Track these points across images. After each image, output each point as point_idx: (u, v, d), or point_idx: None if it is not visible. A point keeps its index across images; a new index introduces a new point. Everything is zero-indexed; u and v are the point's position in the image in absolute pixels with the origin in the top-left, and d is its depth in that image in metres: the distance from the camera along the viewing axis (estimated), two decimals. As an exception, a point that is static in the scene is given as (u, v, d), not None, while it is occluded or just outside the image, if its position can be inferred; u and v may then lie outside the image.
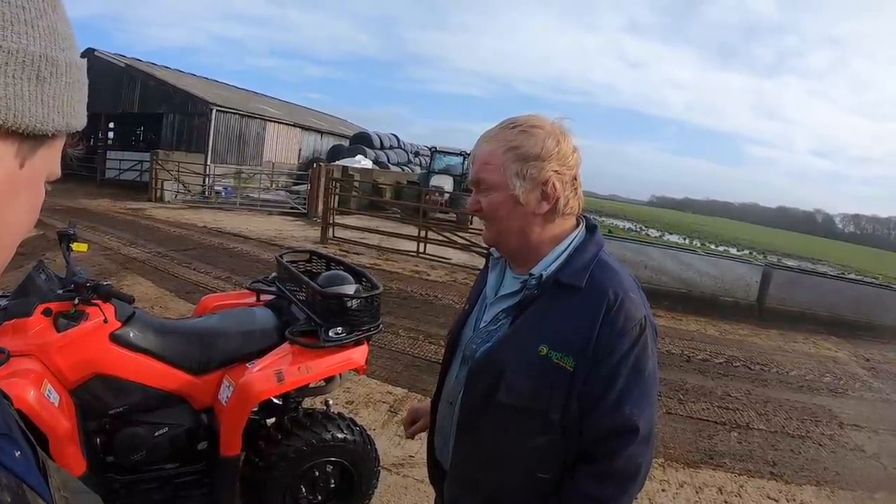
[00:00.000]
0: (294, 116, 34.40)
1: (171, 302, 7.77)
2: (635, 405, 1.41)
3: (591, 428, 1.43)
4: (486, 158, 1.50)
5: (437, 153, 25.02)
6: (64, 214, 14.26)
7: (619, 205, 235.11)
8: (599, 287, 1.45)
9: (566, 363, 1.41)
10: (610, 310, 1.41)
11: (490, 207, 1.52)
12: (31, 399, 2.24)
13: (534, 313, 1.49)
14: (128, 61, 29.93)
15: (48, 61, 0.55)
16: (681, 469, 4.70)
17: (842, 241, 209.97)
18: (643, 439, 1.42)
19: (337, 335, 2.91)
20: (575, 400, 1.42)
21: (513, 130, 1.48)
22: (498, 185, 1.49)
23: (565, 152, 1.47)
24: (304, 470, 3.03)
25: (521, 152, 1.45)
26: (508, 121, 1.52)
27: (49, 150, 0.61)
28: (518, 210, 1.49)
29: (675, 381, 6.79)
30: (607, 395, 1.40)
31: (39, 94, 0.55)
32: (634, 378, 1.41)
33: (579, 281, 1.46)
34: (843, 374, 8.38)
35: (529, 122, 1.49)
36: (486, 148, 1.51)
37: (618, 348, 1.40)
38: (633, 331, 1.42)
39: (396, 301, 8.98)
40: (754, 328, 10.59)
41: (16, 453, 0.60)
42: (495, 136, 1.51)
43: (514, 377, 1.46)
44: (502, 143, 1.48)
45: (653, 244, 15.24)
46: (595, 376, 1.41)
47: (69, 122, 0.61)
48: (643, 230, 63.75)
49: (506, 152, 1.47)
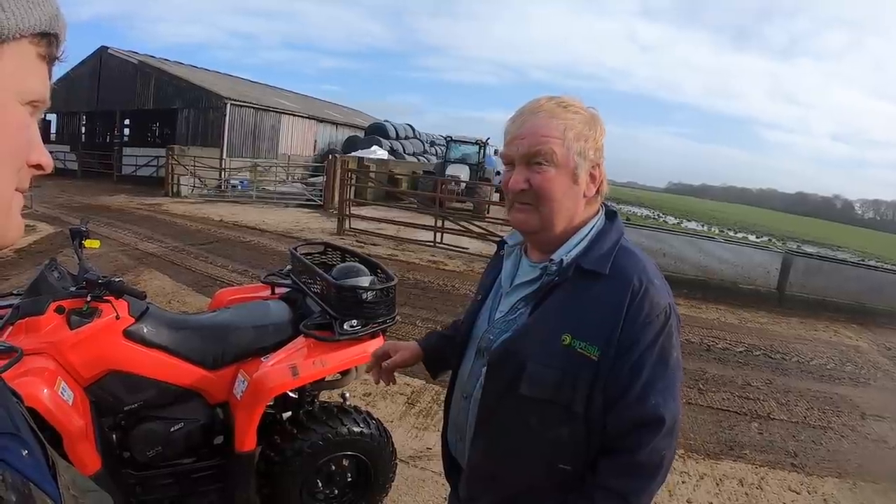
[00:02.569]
0: (309, 109, 34.46)
1: (188, 296, 7.80)
2: (660, 396, 1.37)
3: (616, 419, 1.38)
4: (546, 131, 1.41)
5: (453, 142, 24.97)
6: (81, 212, 14.40)
7: (637, 192, 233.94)
8: (623, 274, 1.40)
9: (590, 352, 1.37)
10: (635, 297, 1.37)
11: (543, 185, 1.43)
12: (45, 397, 2.24)
13: (555, 301, 1.44)
14: (141, 58, 30.13)
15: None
16: (701, 460, 4.65)
17: (861, 227, 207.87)
18: (668, 431, 1.37)
19: (352, 328, 2.89)
20: (599, 391, 1.38)
21: (566, 110, 1.43)
22: (560, 161, 1.42)
23: (602, 137, 1.47)
24: (320, 464, 3.02)
25: (581, 131, 1.42)
26: (556, 98, 1.47)
27: (9, 61, 0.53)
28: (572, 190, 1.45)
29: (695, 371, 6.73)
30: (632, 385, 1.36)
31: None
32: (660, 368, 1.37)
33: (603, 267, 1.41)
34: (865, 363, 8.27)
35: (574, 102, 1.46)
36: (542, 121, 1.43)
37: (643, 337, 1.36)
38: (659, 319, 1.38)
39: (413, 291, 8.98)
40: (774, 316, 10.48)
41: (23, 452, 0.59)
42: (548, 111, 1.44)
43: (536, 368, 1.41)
44: (560, 119, 1.42)
45: (671, 231, 15.15)
46: (620, 366, 1.36)
47: (20, 22, 0.52)
48: (661, 217, 63.41)
49: (567, 129, 1.41)
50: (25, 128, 0.58)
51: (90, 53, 30.34)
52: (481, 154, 23.54)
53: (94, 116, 33.46)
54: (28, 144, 0.59)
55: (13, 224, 0.59)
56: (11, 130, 0.56)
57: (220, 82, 31.24)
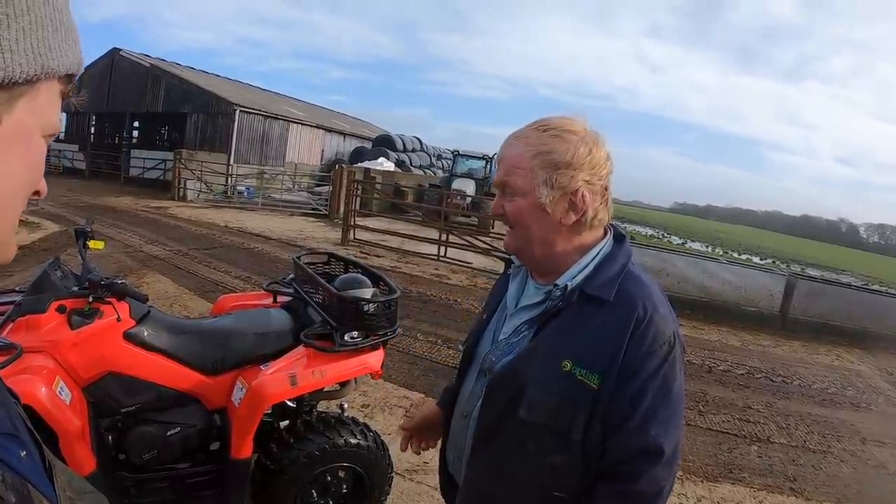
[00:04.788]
0: (317, 118, 34.59)
1: (190, 301, 7.80)
2: (661, 426, 1.34)
3: (615, 448, 1.36)
4: (515, 161, 1.43)
5: (460, 156, 25.02)
6: (87, 212, 14.44)
7: (642, 211, 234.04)
8: (628, 301, 1.38)
9: (591, 380, 1.35)
10: (639, 326, 1.35)
11: (514, 213, 1.45)
12: (43, 396, 2.23)
13: (558, 326, 1.42)
14: (152, 61, 30.33)
15: (0, 1, 0.51)
16: (699, 482, 4.62)
17: (866, 252, 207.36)
18: (667, 462, 1.35)
19: (352, 339, 2.87)
20: (598, 419, 1.36)
21: (545, 133, 1.41)
22: (524, 190, 1.41)
23: (598, 160, 1.40)
24: (316, 474, 3.00)
25: (552, 158, 1.38)
26: (541, 122, 1.45)
27: (33, 101, 0.57)
28: (544, 219, 1.42)
29: (695, 393, 6.69)
30: (633, 415, 1.34)
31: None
32: (661, 398, 1.35)
33: (607, 294, 1.39)
34: (866, 388, 8.22)
35: (563, 125, 1.41)
36: (515, 150, 1.44)
37: (646, 367, 1.34)
38: (663, 349, 1.36)
39: (416, 304, 8.96)
40: (777, 339, 10.45)
41: (21, 453, 0.60)
42: (526, 137, 1.43)
43: (535, 393, 1.40)
44: (532, 147, 1.41)
45: (675, 251, 15.13)
46: (620, 395, 1.34)
47: (45, 64, 0.56)
48: (665, 237, 63.41)
49: (535, 157, 1.40)
50: (43, 158, 0.62)
51: (102, 54, 30.55)
52: (488, 169, 23.58)
53: (103, 117, 33.69)
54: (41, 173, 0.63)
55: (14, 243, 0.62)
56: (34, 161, 0.60)
57: (230, 88, 31.42)
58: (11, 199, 0.59)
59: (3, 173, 0.57)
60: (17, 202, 0.60)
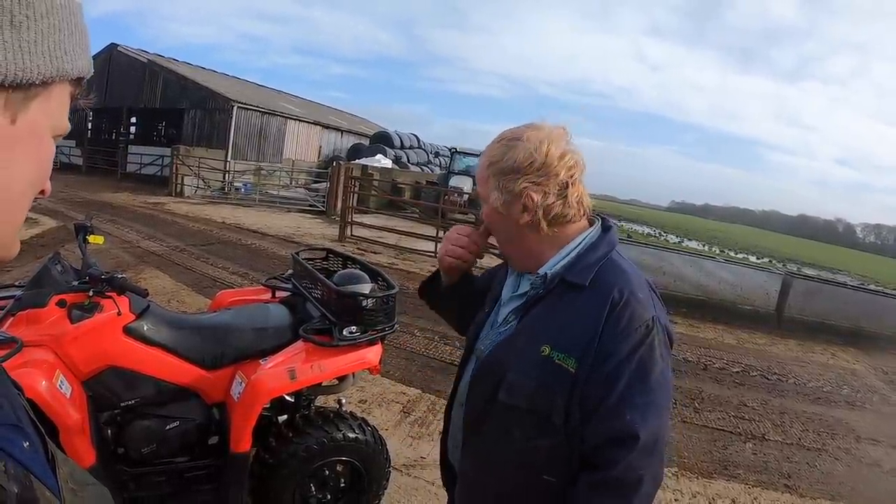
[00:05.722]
0: (315, 114, 34.51)
1: (187, 296, 7.81)
2: (637, 412, 1.34)
3: (591, 433, 1.37)
4: (478, 173, 1.58)
5: (457, 154, 25.01)
6: (84, 207, 14.44)
7: (639, 210, 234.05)
8: (604, 286, 1.41)
9: (568, 364, 1.37)
10: (614, 308, 1.37)
11: (486, 219, 1.60)
12: (43, 389, 2.24)
13: (538, 313, 1.47)
14: (150, 57, 30.26)
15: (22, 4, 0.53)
16: (694, 479, 4.64)
17: (863, 251, 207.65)
18: (644, 449, 1.33)
19: (351, 334, 2.89)
20: (577, 403, 1.37)
21: (498, 144, 1.51)
22: (485, 198, 1.55)
23: (548, 161, 1.43)
24: (315, 468, 3.01)
25: (499, 167, 1.48)
26: (501, 134, 1.54)
27: (46, 102, 0.59)
28: (505, 221, 1.53)
29: (690, 390, 6.72)
30: (607, 398, 1.35)
31: (16, 40, 0.52)
32: (638, 383, 1.35)
33: (583, 279, 1.42)
34: (861, 387, 8.25)
35: (516, 134, 1.49)
36: (480, 163, 1.57)
37: (620, 349, 1.35)
38: (638, 332, 1.36)
39: (413, 301, 8.95)
40: (772, 337, 10.48)
41: (24, 444, 0.60)
42: (486, 150, 1.55)
43: (515, 378, 1.43)
44: (486, 158, 1.53)
45: (672, 250, 15.14)
46: (595, 378, 1.36)
47: (60, 66, 0.58)
48: (662, 236, 63.43)
49: (487, 167, 1.52)
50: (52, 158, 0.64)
51: (100, 50, 30.39)
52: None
53: (101, 113, 33.52)
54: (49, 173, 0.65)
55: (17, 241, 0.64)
56: (44, 161, 0.62)
57: (228, 84, 31.33)
58: (21, 200, 0.60)
59: (15, 173, 0.58)
60: (25, 202, 0.61)
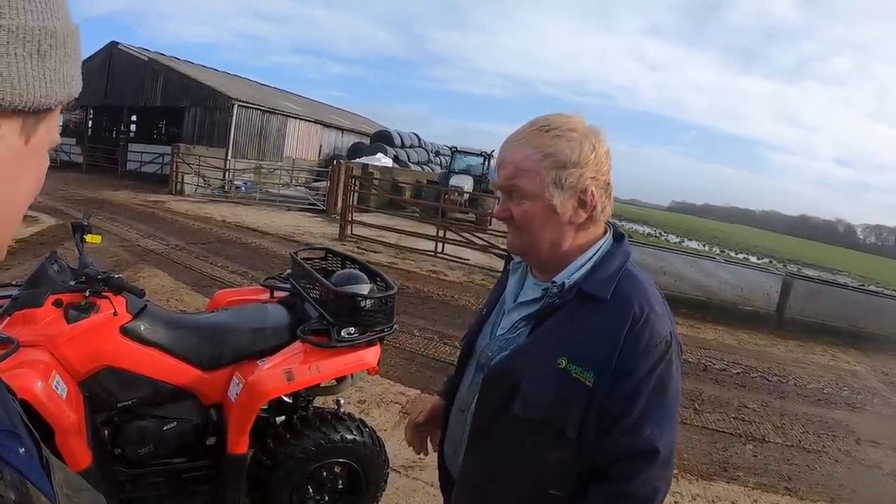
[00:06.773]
0: (315, 113, 34.48)
1: (186, 295, 7.79)
2: (656, 426, 1.34)
3: (609, 448, 1.36)
4: (521, 164, 1.41)
5: (458, 153, 25.04)
6: (84, 205, 14.43)
7: (640, 210, 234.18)
8: (625, 300, 1.38)
9: (586, 378, 1.35)
10: (635, 325, 1.34)
11: (523, 217, 1.44)
12: (39, 390, 2.23)
13: (554, 323, 1.42)
14: (151, 55, 30.22)
15: (47, 34, 0.54)
16: (694, 481, 4.63)
17: (863, 252, 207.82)
18: (662, 462, 1.35)
19: (349, 335, 2.87)
20: (593, 417, 1.36)
21: (548, 134, 1.39)
22: (534, 193, 1.40)
23: (601, 156, 1.40)
24: (312, 470, 3.00)
25: (559, 159, 1.37)
26: (541, 122, 1.43)
27: (50, 121, 0.61)
28: (554, 220, 1.42)
29: (691, 391, 6.70)
30: (627, 414, 1.34)
31: (41, 69, 0.54)
32: (656, 398, 1.35)
33: (604, 292, 1.39)
34: (862, 389, 8.25)
35: (564, 124, 1.40)
36: (520, 153, 1.42)
37: (641, 366, 1.34)
38: (658, 348, 1.35)
39: (413, 301, 8.96)
40: (773, 338, 10.48)
41: (20, 450, 0.60)
42: (528, 139, 1.41)
43: (530, 390, 1.39)
44: (537, 149, 1.39)
45: (672, 250, 15.14)
46: (615, 394, 1.34)
47: (70, 91, 0.60)
48: (663, 236, 63.49)
49: (542, 159, 1.38)
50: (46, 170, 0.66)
51: (100, 48, 30.40)
52: (486, 166, 23.55)
53: (101, 111, 33.53)
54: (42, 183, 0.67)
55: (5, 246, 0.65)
56: (41, 173, 0.64)
57: (228, 83, 31.29)
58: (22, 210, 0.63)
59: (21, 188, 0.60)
60: (24, 210, 0.64)
